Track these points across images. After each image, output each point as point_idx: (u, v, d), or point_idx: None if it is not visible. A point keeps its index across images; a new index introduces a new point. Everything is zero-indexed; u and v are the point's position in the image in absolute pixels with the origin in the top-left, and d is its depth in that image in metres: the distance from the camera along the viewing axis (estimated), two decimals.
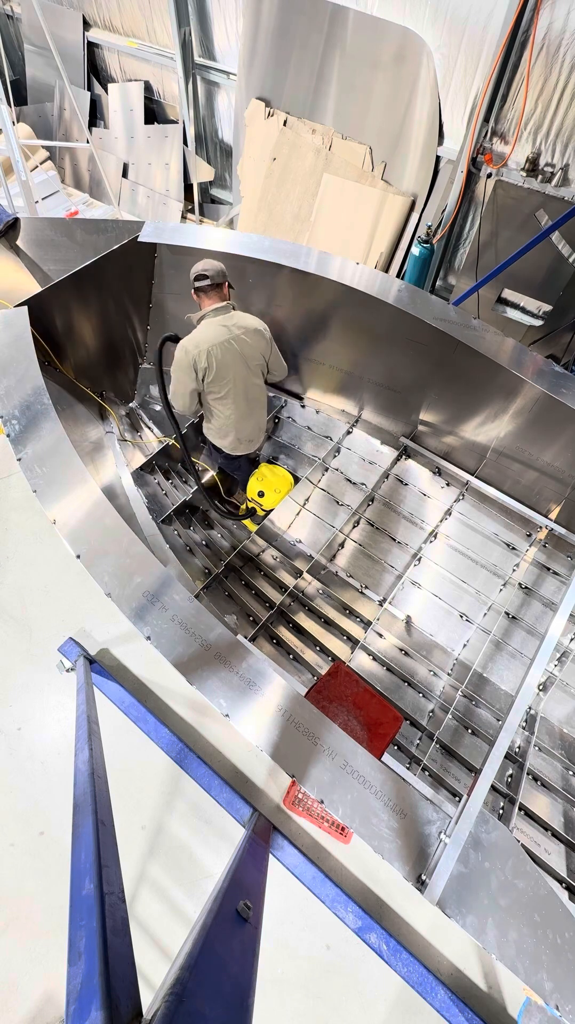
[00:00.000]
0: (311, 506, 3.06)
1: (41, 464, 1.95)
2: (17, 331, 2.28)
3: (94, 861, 1.24)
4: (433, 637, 2.70)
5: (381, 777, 1.47)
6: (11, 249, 2.75)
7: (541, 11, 3.01)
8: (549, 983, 1.24)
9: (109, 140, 5.48)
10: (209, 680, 1.60)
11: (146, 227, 2.80)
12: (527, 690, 1.79)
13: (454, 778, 2.30)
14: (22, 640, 3.06)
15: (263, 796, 2.64)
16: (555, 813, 2.26)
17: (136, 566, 1.77)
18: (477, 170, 3.81)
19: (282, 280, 2.74)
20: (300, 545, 2.95)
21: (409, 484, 3.05)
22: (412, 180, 4.16)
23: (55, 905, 2.40)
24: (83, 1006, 0.88)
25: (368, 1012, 2.25)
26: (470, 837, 1.38)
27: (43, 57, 5.64)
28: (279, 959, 2.33)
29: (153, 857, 2.52)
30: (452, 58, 3.52)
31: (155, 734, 2.68)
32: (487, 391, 2.55)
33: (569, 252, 3.55)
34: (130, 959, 1.04)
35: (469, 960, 2.33)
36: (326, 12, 3.81)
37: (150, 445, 3.17)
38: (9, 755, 2.74)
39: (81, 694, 2.34)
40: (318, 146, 4.36)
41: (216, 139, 5.40)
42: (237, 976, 1.08)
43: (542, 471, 2.64)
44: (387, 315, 2.54)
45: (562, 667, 2.55)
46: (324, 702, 2.04)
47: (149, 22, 4.90)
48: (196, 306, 2.51)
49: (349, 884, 2.44)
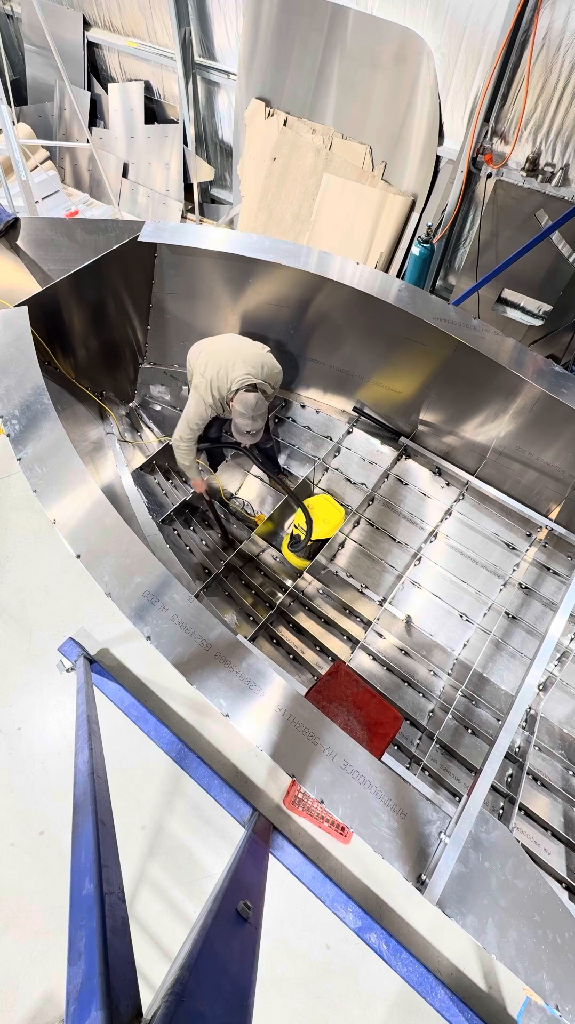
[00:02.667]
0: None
1: (41, 464, 1.95)
2: (17, 331, 2.28)
3: (94, 861, 1.24)
4: (433, 637, 2.70)
5: (381, 777, 1.47)
6: (11, 249, 2.75)
7: (541, 11, 3.01)
8: (549, 983, 1.24)
9: (109, 140, 5.47)
10: (209, 680, 1.59)
11: (146, 227, 2.80)
12: (527, 690, 1.79)
13: (454, 778, 2.30)
14: (22, 640, 3.06)
15: (263, 796, 2.64)
16: (555, 813, 2.26)
17: (136, 566, 1.77)
18: (477, 170, 3.81)
19: (282, 280, 2.74)
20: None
21: (409, 484, 3.05)
22: (412, 180, 4.16)
23: (55, 905, 2.40)
24: (83, 1006, 0.88)
25: (368, 1012, 2.25)
26: (470, 837, 1.38)
27: (43, 57, 5.64)
28: (279, 959, 2.33)
29: (153, 857, 2.52)
30: (452, 58, 3.51)
31: (155, 734, 2.67)
32: (487, 391, 2.55)
33: (569, 252, 3.55)
34: (130, 959, 1.04)
35: (469, 960, 2.33)
36: (326, 12, 3.81)
37: (150, 445, 3.17)
38: (9, 755, 2.73)
39: (81, 694, 2.34)
40: (318, 146, 4.36)
41: (216, 139, 5.40)
42: (237, 976, 1.08)
43: (542, 471, 2.64)
44: (387, 315, 2.54)
45: (562, 667, 2.55)
46: (324, 702, 2.04)
47: (149, 22, 4.90)
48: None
49: (349, 884, 2.44)
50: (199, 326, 3.17)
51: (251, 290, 2.88)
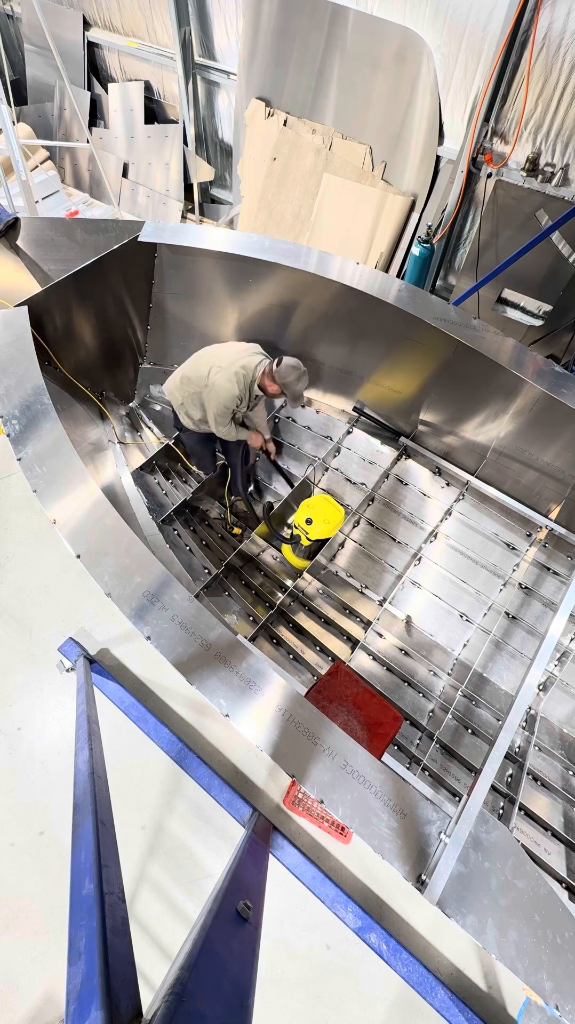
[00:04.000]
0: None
1: (41, 464, 1.95)
2: (17, 331, 2.28)
3: (94, 861, 1.24)
4: (433, 637, 2.70)
5: (381, 777, 1.47)
6: (11, 249, 2.75)
7: (541, 11, 3.01)
8: (549, 983, 1.24)
9: (109, 140, 5.47)
10: (209, 680, 1.60)
11: (146, 227, 2.80)
12: (527, 690, 1.79)
13: (454, 778, 2.30)
14: (22, 640, 3.06)
15: (263, 796, 2.64)
16: (555, 813, 2.26)
17: (136, 566, 1.77)
18: (477, 170, 3.81)
19: (282, 280, 2.74)
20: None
21: (409, 484, 3.05)
22: (412, 180, 4.16)
23: (55, 905, 2.40)
24: (83, 1006, 0.88)
25: (368, 1012, 2.25)
26: (470, 837, 1.38)
27: (43, 57, 5.64)
28: (279, 959, 2.33)
29: (153, 857, 2.52)
30: (452, 58, 3.51)
31: (155, 734, 2.67)
32: (487, 391, 2.55)
33: (569, 252, 3.55)
34: (130, 959, 1.04)
35: (469, 960, 2.33)
36: (326, 12, 3.81)
37: (150, 445, 3.17)
38: (9, 755, 2.73)
39: (81, 694, 2.34)
40: (318, 146, 4.36)
41: (216, 139, 5.40)
42: (237, 976, 1.08)
43: (542, 471, 2.64)
44: (387, 315, 2.54)
45: (562, 667, 2.55)
46: (324, 702, 2.04)
47: (149, 22, 4.90)
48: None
49: (349, 884, 2.44)
50: (199, 326, 3.17)
51: (251, 290, 2.88)
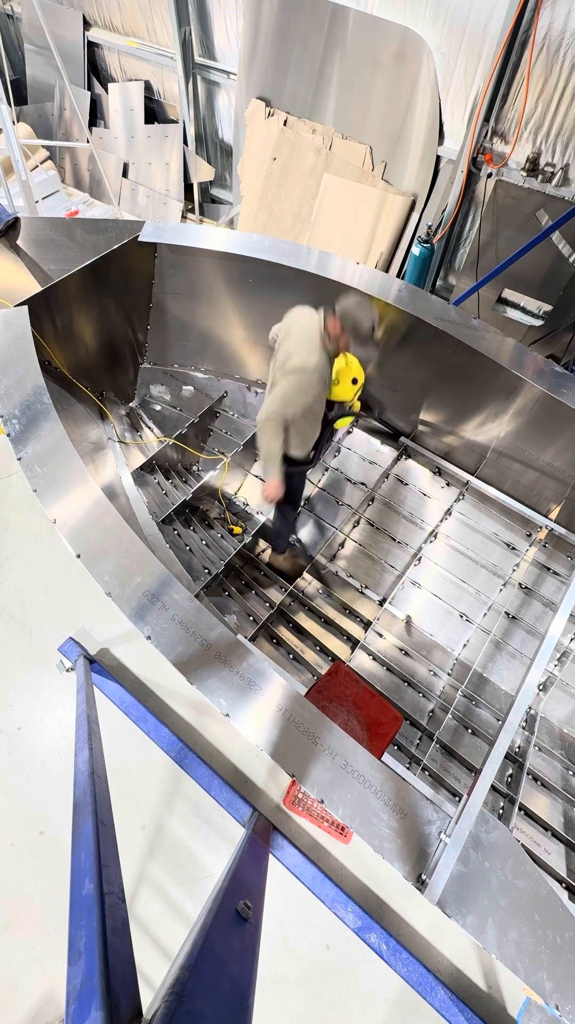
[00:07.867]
0: (311, 506, 3.06)
1: (41, 464, 1.95)
2: (17, 331, 2.28)
3: (94, 861, 1.24)
4: (433, 637, 2.70)
5: (381, 777, 1.47)
6: (11, 249, 2.75)
7: (541, 11, 3.01)
8: (549, 983, 1.24)
9: (109, 140, 5.47)
10: (209, 680, 1.60)
11: (146, 227, 2.80)
12: (527, 690, 1.79)
13: (454, 778, 2.30)
14: (22, 640, 3.06)
15: (263, 796, 2.64)
16: (555, 813, 2.26)
17: (136, 566, 1.77)
18: (477, 170, 3.81)
19: (282, 280, 2.74)
20: (300, 545, 2.94)
21: (409, 484, 3.05)
22: (412, 180, 4.16)
23: (55, 905, 2.40)
24: (83, 1006, 0.87)
25: (368, 1012, 2.25)
26: (470, 837, 1.38)
27: (43, 57, 5.64)
28: (279, 959, 2.33)
29: (153, 857, 2.52)
30: (452, 58, 3.51)
31: (155, 734, 2.67)
32: (487, 391, 2.55)
33: (569, 252, 3.55)
34: (130, 959, 1.03)
35: (469, 960, 2.33)
36: (326, 12, 3.81)
37: (150, 445, 3.17)
38: (9, 755, 2.73)
39: (81, 694, 2.34)
40: (318, 146, 4.36)
41: (216, 139, 5.40)
42: (237, 976, 1.08)
43: (542, 471, 2.64)
44: (387, 315, 2.54)
45: (562, 667, 2.55)
46: (324, 702, 2.04)
47: (149, 21, 4.89)
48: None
49: (349, 884, 2.44)
50: (199, 326, 3.17)
51: (251, 290, 2.88)
